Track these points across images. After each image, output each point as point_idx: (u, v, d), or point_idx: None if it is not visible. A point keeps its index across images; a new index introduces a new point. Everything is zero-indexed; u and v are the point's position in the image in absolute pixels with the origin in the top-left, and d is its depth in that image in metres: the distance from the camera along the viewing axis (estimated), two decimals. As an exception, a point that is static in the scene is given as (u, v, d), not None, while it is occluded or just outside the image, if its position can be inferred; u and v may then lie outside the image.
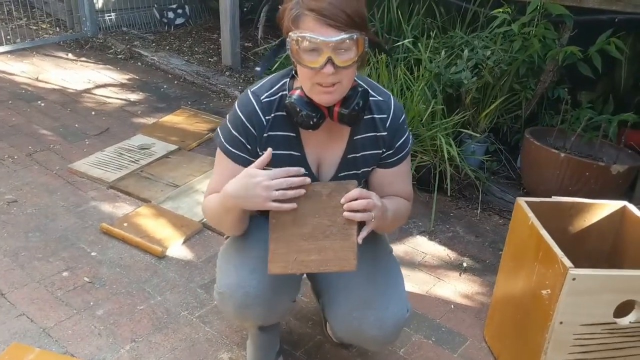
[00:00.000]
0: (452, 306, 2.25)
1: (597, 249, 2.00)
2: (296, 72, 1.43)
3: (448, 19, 3.49)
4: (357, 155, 1.54)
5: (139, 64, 4.77)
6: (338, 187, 1.40)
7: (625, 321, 1.65)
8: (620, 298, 1.61)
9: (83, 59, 4.76)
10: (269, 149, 1.39)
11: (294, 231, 1.40)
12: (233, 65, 4.59)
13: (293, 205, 1.37)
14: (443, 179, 2.86)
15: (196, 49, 5.06)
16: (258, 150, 1.50)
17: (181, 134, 3.47)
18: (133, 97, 4.08)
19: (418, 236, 2.69)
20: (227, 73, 4.50)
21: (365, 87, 1.47)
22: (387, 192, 1.59)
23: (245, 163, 1.49)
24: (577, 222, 1.96)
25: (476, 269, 2.49)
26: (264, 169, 1.49)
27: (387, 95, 1.55)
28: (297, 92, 1.42)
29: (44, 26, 5.33)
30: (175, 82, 4.46)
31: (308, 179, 1.39)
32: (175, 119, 3.71)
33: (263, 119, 1.47)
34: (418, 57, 3.14)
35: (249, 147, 1.49)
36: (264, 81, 1.52)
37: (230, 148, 1.50)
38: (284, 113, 1.46)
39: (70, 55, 4.81)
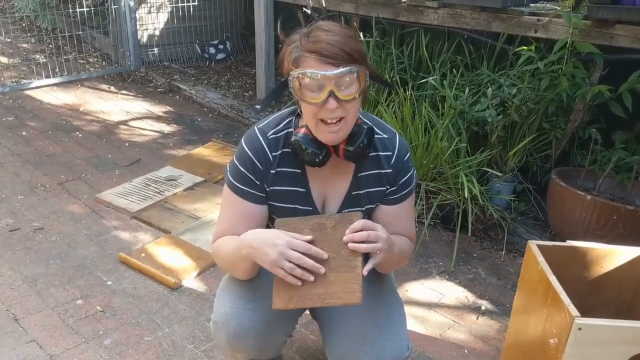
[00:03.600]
0: (466, 351, 2.16)
1: (617, 298, 1.90)
2: (301, 112, 1.44)
3: (477, 57, 3.45)
4: (361, 192, 1.54)
5: (177, 97, 4.90)
6: (343, 219, 1.38)
7: (640, 376, 1.55)
8: (632, 351, 1.52)
9: (124, 91, 4.93)
10: (309, 237, 1.37)
11: None
12: (267, 99, 4.65)
13: (296, 281, 1.33)
14: (467, 219, 2.79)
15: (233, 83, 5.16)
16: (265, 186, 1.50)
17: (209, 166, 3.52)
18: (167, 129, 4.18)
19: (437, 276, 2.62)
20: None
21: (370, 124, 1.46)
22: (390, 230, 1.56)
23: (254, 199, 1.51)
24: (594, 269, 1.87)
25: (495, 312, 2.39)
26: (274, 204, 1.49)
27: (392, 132, 1.55)
28: (303, 130, 1.43)
29: (91, 60, 5.56)
30: (210, 115, 4.55)
31: (322, 269, 1.34)
32: (205, 151, 3.77)
33: (270, 155, 1.48)
34: (444, 95, 3.11)
35: (257, 183, 1.49)
36: (270, 118, 1.54)
37: (237, 185, 1.51)
38: (290, 150, 1.47)
39: (112, 88, 4.98)
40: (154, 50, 5.50)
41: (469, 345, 2.19)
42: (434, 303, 2.43)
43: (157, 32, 5.52)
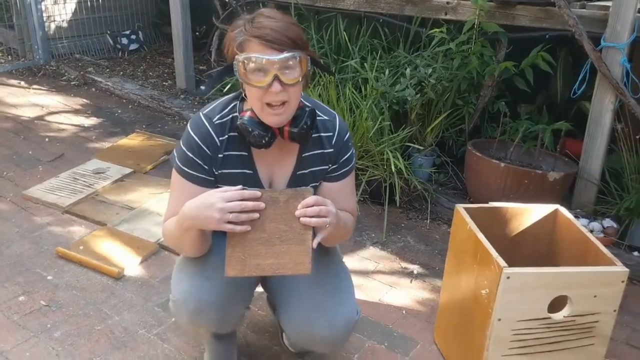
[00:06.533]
0: (404, 312, 2.34)
1: (535, 251, 2.13)
2: (245, 96, 1.52)
3: (393, 40, 3.63)
4: (306, 171, 1.64)
5: (93, 89, 4.79)
6: (295, 194, 1.47)
7: (559, 316, 1.76)
8: (553, 294, 1.72)
9: (35, 86, 4.76)
10: (240, 187, 1.44)
11: (252, 236, 1.46)
12: (187, 88, 4.65)
13: (246, 227, 1.43)
14: (394, 192, 2.97)
15: (150, 73, 5.11)
16: (214, 169, 1.57)
17: (136, 157, 3.50)
18: (87, 122, 4.11)
19: (371, 247, 2.79)
20: (181, 96, 4.56)
21: (312, 107, 1.56)
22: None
23: (203, 183, 1.57)
24: (514, 226, 2.09)
25: (426, 275, 2.59)
26: (219, 187, 1.56)
27: (333, 114, 1.65)
28: (248, 113, 1.50)
29: (-5, 55, 5.32)
30: (130, 106, 4.49)
31: (262, 204, 1.44)
32: (130, 142, 3.74)
33: (217, 140, 1.55)
34: (365, 77, 3.27)
35: (205, 167, 1.56)
36: (214, 104, 1.60)
37: (186, 169, 1.57)
38: (237, 133, 1.54)
39: (22, 83, 4.80)
40: (63, 43, 5.33)
41: (406, 307, 2.37)
42: (370, 271, 2.60)
43: (65, 24, 5.35)
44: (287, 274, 1.45)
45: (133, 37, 5.60)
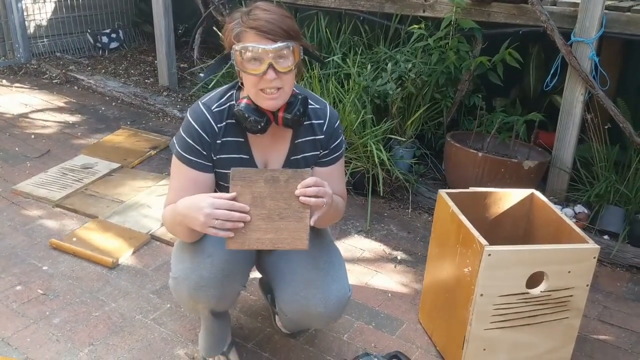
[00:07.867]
0: (389, 295, 2.45)
1: (513, 233, 2.25)
2: (242, 84, 1.62)
3: (373, 36, 3.75)
4: (299, 157, 1.74)
5: (75, 87, 4.82)
6: (295, 174, 1.55)
7: (536, 291, 1.88)
8: (530, 270, 1.85)
9: (17, 84, 4.78)
10: (233, 194, 1.51)
11: (252, 212, 1.54)
12: (170, 85, 4.72)
13: (229, 234, 1.50)
14: (376, 183, 3.09)
15: (132, 71, 5.15)
16: (212, 155, 1.67)
17: (123, 153, 3.56)
18: (72, 119, 4.15)
19: (356, 235, 2.90)
20: (164, 93, 4.62)
21: (305, 95, 1.67)
22: None
23: (202, 168, 1.66)
24: (493, 210, 2.21)
25: (409, 261, 2.71)
26: (221, 171, 1.66)
27: (324, 103, 1.76)
28: (245, 100, 1.60)
29: (-26, 54, 5.31)
30: (113, 103, 4.54)
31: (248, 217, 1.50)
32: (116, 138, 3.80)
33: (215, 127, 1.64)
34: (347, 72, 3.38)
35: (204, 153, 1.65)
36: (212, 94, 1.70)
37: (186, 155, 1.65)
38: (234, 121, 1.64)
39: (4, 82, 4.81)
40: (43, 41, 5.35)
41: (391, 290, 2.48)
42: (356, 257, 2.71)
43: (45, 23, 5.36)
44: (285, 248, 1.55)
45: (113, 35, 5.63)
